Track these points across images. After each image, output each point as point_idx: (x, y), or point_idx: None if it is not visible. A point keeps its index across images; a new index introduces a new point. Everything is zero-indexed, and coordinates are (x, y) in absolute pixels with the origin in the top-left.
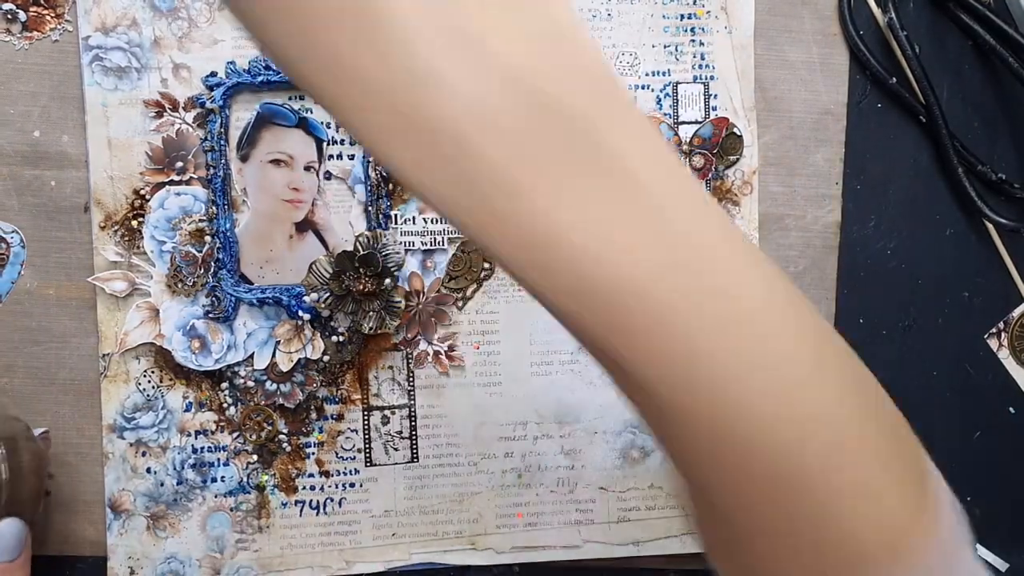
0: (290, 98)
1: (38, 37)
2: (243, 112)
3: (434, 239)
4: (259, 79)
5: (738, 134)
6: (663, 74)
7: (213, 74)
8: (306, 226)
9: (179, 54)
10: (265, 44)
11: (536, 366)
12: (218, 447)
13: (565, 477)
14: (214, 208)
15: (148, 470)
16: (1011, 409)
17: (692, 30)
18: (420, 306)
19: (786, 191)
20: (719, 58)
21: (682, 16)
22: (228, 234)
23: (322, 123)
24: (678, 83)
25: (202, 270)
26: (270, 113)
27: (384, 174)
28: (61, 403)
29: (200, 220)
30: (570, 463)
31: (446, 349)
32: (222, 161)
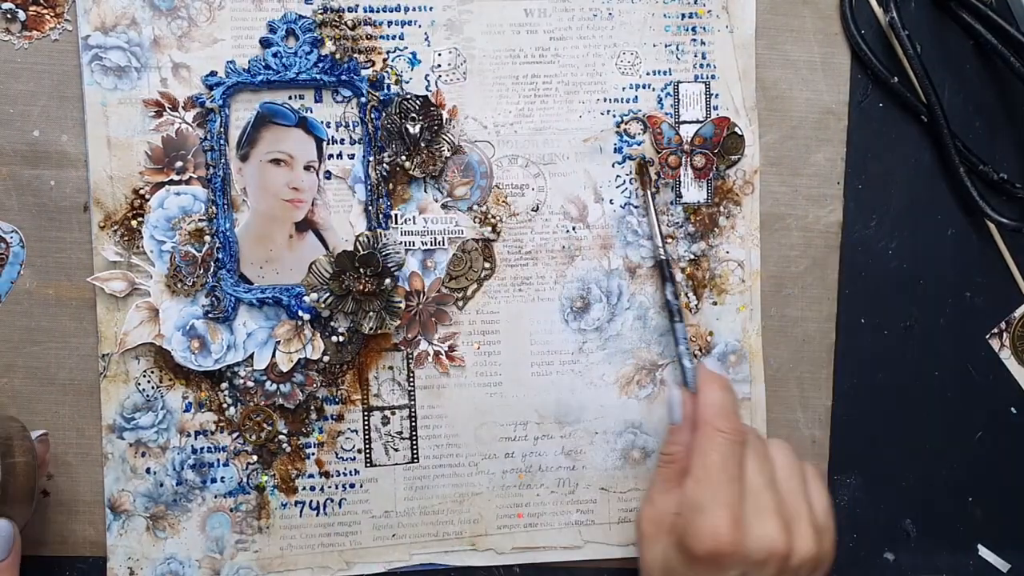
0: (290, 97)
1: (37, 36)
2: (243, 111)
3: (434, 239)
4: (259, 78)
5: (739, 134)
6: (664, 73)
7: (213, 73)
8: (306, 226)
9: (179, 53)
10: None
11: (537, 366)
12: (218, 447)
13: (566, 477)
14: (214, 208)
15: (148, 470)
16: (1013, 409)
17: (693, 29)
18: (420, 306)
19: (787, 191)
20: (720, 57)
21: (683, 15)
22: (228, 234)
23: (322, 122)
24: (679, 82)
25: (202, 270)
26: (270, 112)
27: (384, 174)
28: (60, 403)
29: (200, 220)
30: (571, 463)
31: (446, 349)
32: (222, 161)
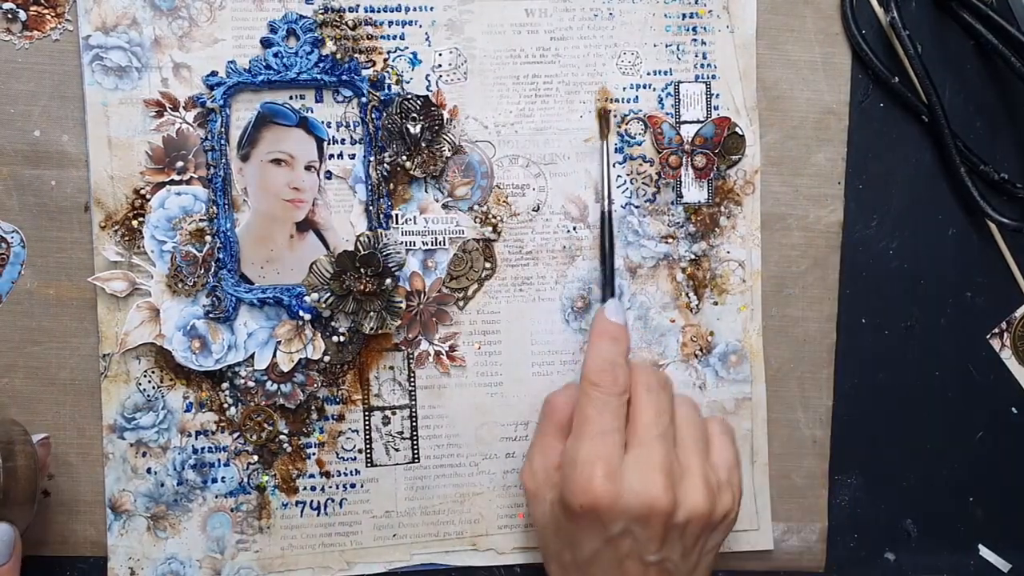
0: (291, 97)
1: (38, 36)
2: (244, 111)
3: (435, 239)
4: (259, 78)
5: (740, 134)
6: (665, 73)
7: (214, 73)
8: (307, 226)
9: (179, 53)
10: None
11: (537, 366)
12: (218, 447)
13: None
14: (215, 208)
15: (148, 470)
16: (1013, 410)
17: (694, 29)
18: (421, 306)
19: (788, 191)
20: (721, 57)
21: (684, 15)
22: (228, 234)
23: (322, 122)
24: (680, 82)
25: (202, 270)
26: (271, 112)
27: (385, 174)
28: (61, 403)
29: (200, 220)
30: None
31: (447, 349)
32: (223, 161)
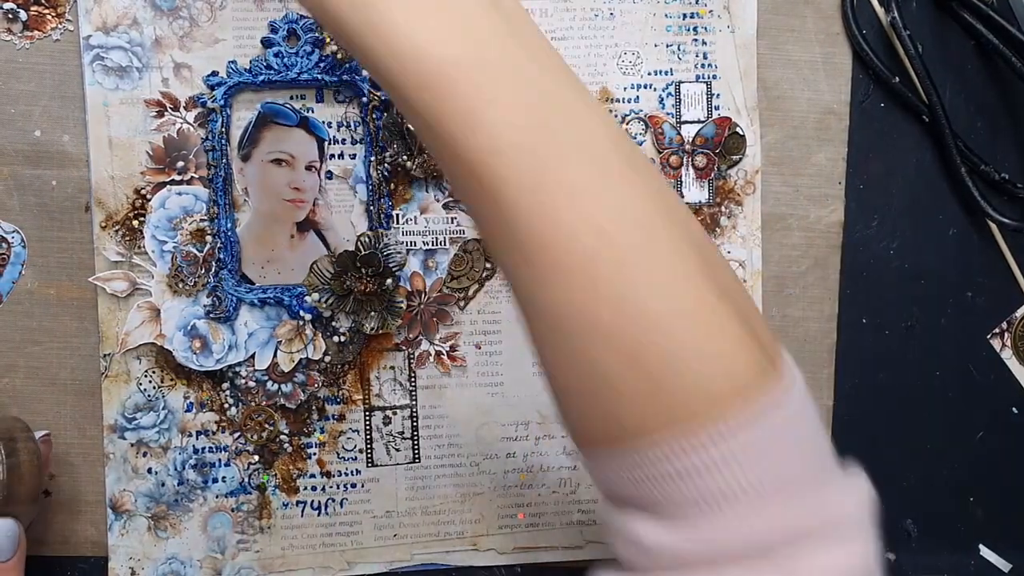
0: (291, 97)
1: (39, 36)
2: (244, 111)
3: (436, 239)
4: (260, 78)
5: (741, 133)
6: (665, 73)
7: (214, 73)
8: (307, 226)
9: (180, 53)
10: None
11: (538, 366)
12: (219, 447)
13: (567, 477)
14: (215, 208)
15: (149, 470)
16: (1014, 409)
17: (695, 29)
18: (422, 306)
19: (789, 191)
20: (721, 57)
21: (684, 15)
22: (229, 234)
23: (323, 123)
24: (680, 82)
25: (203, 270)
26: (271, 112)
27: (386, 174)
28: (62, 403)
29: (201, 220)
30: (572, 463)
31: (448, 349)
32: (223, 161)
